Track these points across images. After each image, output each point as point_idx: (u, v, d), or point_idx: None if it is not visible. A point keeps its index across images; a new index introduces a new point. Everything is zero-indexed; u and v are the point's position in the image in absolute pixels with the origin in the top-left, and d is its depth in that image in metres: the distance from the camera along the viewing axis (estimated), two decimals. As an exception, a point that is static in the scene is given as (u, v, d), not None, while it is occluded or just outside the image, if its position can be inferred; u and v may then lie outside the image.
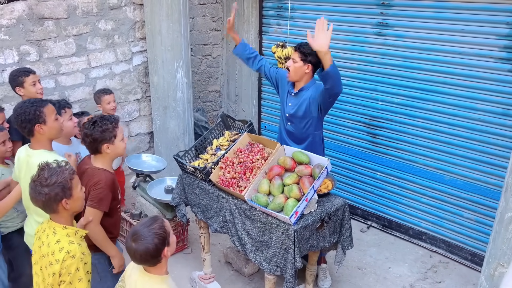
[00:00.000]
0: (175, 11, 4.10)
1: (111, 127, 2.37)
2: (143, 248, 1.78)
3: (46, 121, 2.39)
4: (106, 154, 2.40)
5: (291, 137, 3.26)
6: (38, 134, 2.40)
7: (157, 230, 1.81)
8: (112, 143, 2.39)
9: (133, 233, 1.81)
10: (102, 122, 2.36)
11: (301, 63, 3.00)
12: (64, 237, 1.96)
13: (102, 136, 2.34)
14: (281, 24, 4.59)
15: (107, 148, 2.38)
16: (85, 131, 2.35)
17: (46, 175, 1.90)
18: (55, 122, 2.46)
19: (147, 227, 1.82)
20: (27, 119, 2.35)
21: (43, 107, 2.40)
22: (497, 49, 3.23)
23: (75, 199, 1.99)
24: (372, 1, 3.80)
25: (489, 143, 3.43)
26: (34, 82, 3.22)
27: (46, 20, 3.76)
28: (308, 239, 2.67)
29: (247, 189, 2.75)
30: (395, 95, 3.86)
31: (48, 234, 1.99)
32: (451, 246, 3.82)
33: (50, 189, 1.89)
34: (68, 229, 2.00)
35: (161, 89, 4.48)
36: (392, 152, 4.01)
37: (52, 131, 2.45)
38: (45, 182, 1.89)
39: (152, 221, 1.86)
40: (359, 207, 4.40)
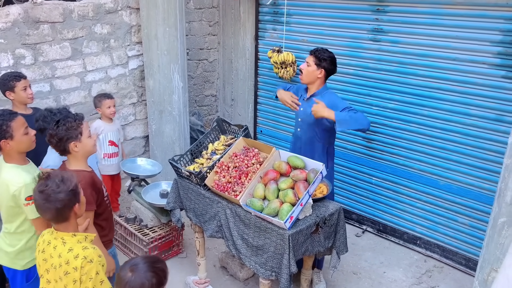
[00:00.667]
0: (171, 15, 4.11)
1: (75, 124, 2.32)
2: (138, 282, 1.67)
3: (13, 136, 2.32)
4: (75, 153, 2.35)
5: (300, 143, 3.33)
6: (6, 149, 2.34)
7: (159, 271, 1.73)
8: (79, 141, 2.33)
9: (134, 263, 1.72)
10: (65, 121, 2.31)
11: (315, 67, 3.13)
12: (76, 244, 1.92)
13: (67, 134, 2.29)
14: (277, 29, 4.61)
15: (75, 147, 2.32)
16: (49, 132, 2.31)
17: (57, 182, 1.86)
18: (24, 137, 2.38)
19: (151, 262, 1.73)
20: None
21: (11, 121, 2.33)
22: (491, 55, 3.26)
23: (82, 203, 1.99)
24: (368, 7, 3.83)
25: (483, 148, 3.45)
26: (25, 87, 3.21)
27: (42, 23, 3.75)
28: (303, 244, 2.67)
29: (242, 193, 2.76)
30: (390, 101, 3.89)
31: (55, 245, 1.94)
32: (445, 251, 3.83)
33: (65, 194, 1.86)
34: (78, 236, 1.96)
35: (157, 93, 4.48)
36: (387, 157, 4.03)
37: (20, 146, 2.37)
38: (58, 189, 1.85)
39: (156, 259, 1.79)
40: (354, 212, 4.41)
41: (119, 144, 3.99)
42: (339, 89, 4.20)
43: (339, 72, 4.14)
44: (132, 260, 1.76)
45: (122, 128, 4.65)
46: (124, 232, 3.76)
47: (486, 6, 3.19)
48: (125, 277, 1.68)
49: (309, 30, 4.31)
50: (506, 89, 3.23)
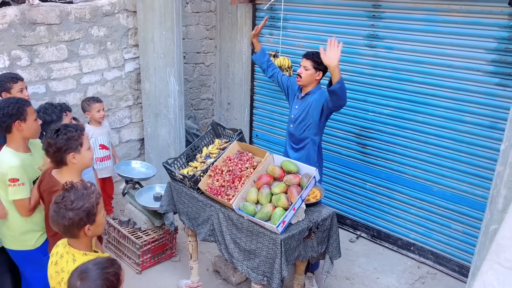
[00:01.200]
0: (168, 19, 4.12)
1: (76, 134, 2.21)
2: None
3: (26, 119, 2.43)
4: (72, 165, 2.22)
5: (292, 139, 3.44)
6: (16, 131, 2.43)
7: (111, 276, 1.58)
8: (79, 152, 2.22)
9: (83, 270, 1.57)
10: (66, 130, 2.20)
11: (313, 70, 3.26)
12: None
13: (67, 144, 2.17)
14: (273, 34, 4.62)
15: (73, 158, 2.20)
16: (48, 140, 2.17)
17: (72, 198, 1.76)
18: (34, 123, 2.49)
19: (101, 269, 1.58)
20: (9, 114, 2.37)
21: (26, 106, 2.44)
22: (485, 63, 3.28)
23: (97, 224, 1.84)
24: (364, 13, 3.85)
25: (476, 155, 3.46)
26: (22, 89, 3.22)
27: (38, 25, 3.75)
28: (295, 249, 2.67)
29: (235, 197, 2.75)
30: (385, 106, 3.90)
31: (67, 260, 1.84)
32: (439, 257, 3.83)
33: (75, 213, 1.75)
34: (89, 255, 1.84)
35: (152, 96, 4.48)
36: (381, 162, 4.04)
37: (30, 131, 2.47)
38: (71, 205, 1.75)
39: (108, 263, 1.63)
40: (348, 217, 4.40)
41: (109, 146, 3.98)
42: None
43: (334, 77, 4.17)
44: (82, 266, 1.60)
45: (117, 131, 4.65)
46: (117, 235, 3.75)
47: (481, 13, 3.21)
48: (74, 285, 1.54)
49: (305, 35, 4.33)
50: (500, 97, 3.25)
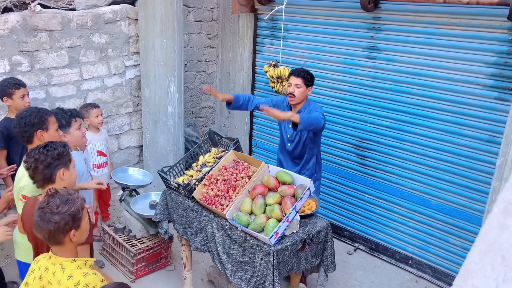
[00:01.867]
0: (169, 27, 4.14)
1: (65, 150, 2.14)
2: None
3: (48, 129, 2.41)
4: (61, 182, 2.14)
5: (291, 156, 3.46)
6: (37, 141, 2.39)
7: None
8: (68, 169, 2.15)
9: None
10: (55, 145, 2.12)
11: (304, 87, 3.29)
12: (76, 271, 1.80)
13: (58, 160, 2.11)
14: (274, 43, 4.63)
15: (62, 175, 2.13)
16: (35, 157, 2.08)
17: (57, 202, 1.75)
18: (56, 133, 2.47)
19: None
20: (31, 123, 2.35)
21: (48, 115, 2.42)
22: (484, 76, 3.26)
23: (82, 230, 1.83)
24: (363, 25, 3.85)
25: (475, 169, 3.43)
26: (23, 95, 3.25)
27: (40, 31, 3.78)
28: (288, 261, 2.64)
29: (229, 207, 2.74)
30: (385, 118, 3.88)
31: (54, 271, 1.81)
32: (437, 272, 3.78)
33: (61, 217, 1.73)
34: (78, 261, 1.82)
35: (152, 104, 4.49)
36: (380, 174, 4.01)
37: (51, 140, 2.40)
38: (56, 209, 1.73)
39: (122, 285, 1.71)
40: (346, 229, 4.36)
41: (107, 153, 3.98)
42: (334, 105, 4.20)
43: (334, 88, 4.18)
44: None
45: (116, 137, 4.66)
46: (112, 242, 3.73)
47: (480, 27, 3.20)
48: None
49: (305, 46, 4.33)
50: (499, 111, 3.22)
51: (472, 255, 0.62)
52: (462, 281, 0.61)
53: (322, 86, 4.26)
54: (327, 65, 4.18)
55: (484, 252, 0.62)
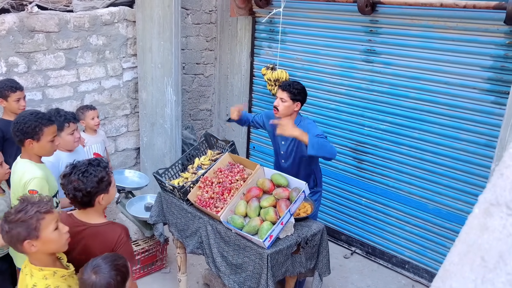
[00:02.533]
0: (166, 29, 4.14)
1: (105, 175, 1.98)
2: (104, 282, 1.63)
3: (39, 139, 2.34)
4: (98, 206, 2.02)
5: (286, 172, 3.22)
6: (28, 147, 2.37)
7: (121, 267, 1.70)
8: (107, 193, 2.00)
9: (95, 265, 1.67)
10: (96, 170, 1.95)
11: (290, 102, 3.10)
12: (41, 281, 1.75)
13: (98, 187, 1.95)
14: (272, 46, 4.63)
15: (101, 200, 1.99)
16: (74, 185, 1.92)
17: (13, 211, 1.70)
18: (48, 144, 2.38)
19: (112, 261, 1.69)
20: (23, 131, 2.31)
21: (45, 126, 2.33)
22: (481, 80, 3.25)
23: (44, 241, 1.71)
24: (361, 28, 3.85)
25: (472, 173, 3.41)
26: (19, 98, 3.21)
27: (37, 32, 3.78)
28: (282, 264, 2.62)
29: (223, 210, 2.72)
30: (382, 122, 3.87)
31: (26, 273, 1.80)
32: (433, 276, 3.74)
33: (11, 226, 1.67)
34: (45, 271, 1.76)
35: (149, 106, 4.49)
36: (377, 178, 3.99)
37: (41, 150, 2.39)
38: (9, 217, 1.68)
39: (116, 257, 1.73)
40: (343, 233, 4.35)
41: (104, 155, 3.96)
42: (331, 109, 4.20)
43: (331, 91, 4.17)
44: (93, 262, 1.70)
45: (113, 139, 4.65)
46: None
47: (477, 31, 3.20)
48: (89, 279, 1.64)
49: (303, 49, 4.33)
50: (496, 115, 3.21)
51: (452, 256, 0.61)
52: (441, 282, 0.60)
53: (319, 89, 4.26)
54: (324, 68, 4.18)
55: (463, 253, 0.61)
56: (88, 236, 2.00)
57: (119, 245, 1.99)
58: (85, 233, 2.01)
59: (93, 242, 1.99)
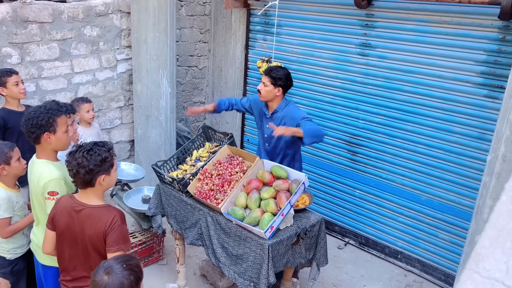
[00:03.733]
0: (162, 21, 4.11)
1: (109, 155, 2.05)
2: (117, 283, 1.63)
3: (56, 131, 2.31)
4: (99, 187, 2.06)
5: (269, 157, 3.37)
6: (45, 143, 2.32)
7: (134, 267, 1.70)
8: (109, 174, 2.06)
9: (107, 266, 1.67)
10: (100, 150, 2.02)
11: (272, 86, 3.17)
12: None
13: (101, 166, 2.01)
14: (267, 39, 4.64)
15: (102, 181, 2.04)
16: (78, 161, 1.99)
17: None
18: (64, 134, 2.37)
19: (124, 261, 1.69)
20: (38, 125, 2.26)
21: (57, 116, 2.32)
22: (474, 74, 3.32)
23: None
24: (356, 22, 3.88)
25: (464, 165, 3.49)
26: (17, 82, 3.21)
27: (30, 23, 3.73)
28: (283, 255, 2.66)
29: (224, 201, 2.75)
30: (376, 115, 3.93)
31: None
32: (425, 266, 3.85)
33: None
34: None
35: (144, 98, 4.47)
36: (371, 170, 4.06)
37: (58, 143, 2.35)
38: None
39: (128, 257, 1.75)
40: (337, 224, 4.41)
41: None
42: (326, 102, 4.24)
43: (326, 84, 4.21)
44: (104, 264, 1.70)
45: (107, 132, 4.62)
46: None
47: (471, 26, 3.26)
48: (101, 281, 1.64)
49: (298, 42, 4.35)
50: (488, 108, 3.29)
51: (483, 240, 0.65)
52: (474, 265, 0.63)
53: (314, 82, 4.29)
54: (319, 61, 4.21)
55: (494, 237, 0.65)
56: (83, 216, 2.05)
57: (112, 228, 2.03)
58: (82, 213, 2.06)
59: (87, 223, 2.04)
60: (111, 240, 2.03)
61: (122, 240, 2.05)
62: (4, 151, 2.52)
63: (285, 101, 3.28)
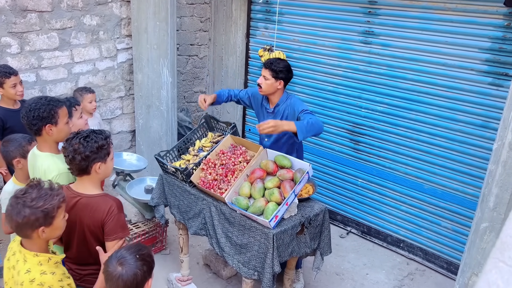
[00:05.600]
0: (162, 9, 4.06)
1: (106, 143, 2.05)
2: (131, 273, 1.63)
3: (57, 123, 2.30)
4: (95, 175, 2.06)
5: None
6: (46, 135, 2.30)
7: (146, 257, 1.71)
8: (105, 162, 2.06)
9: (120, 257, 1.67)
10: (96, 137, 2.02)
11: (273, 80, 3.10)
12: (36, 266, 1.73)
13: (97, 153, 2.01)
14: (268, 27, 4.59)
15: (98, 168, 2.04)
16: (74, 147, 1.98)
17: (33, 196, 1.68)
18: (65, 126, 2.35)
19: (136, 251, 1.69)
20: (40, 117, 2.24)
21: (58, 108, 2.30)
22: (479, 62, 3.29)
23: (54, 228, 1.75)
24: (359, 9, 3.84)
25: (468, 154, 3.48)
26: (15, 84, 3.14)
27: (30, 12, 3.68)
28: (288, 244, 2.66)
29: (228, 191, 2.74)
30: (379, 103, 3.90)
31: (18, 259, 1.77)
32: (428, 254, 3.87)
33: (32, 212, 1.66)
34: (40, 257, 1.75)
35: (145, 88, 4.43)
36: (373, 159, 4.05)
37: (60, 134, 2.33)
38: (30, 203, 1.66)
39: (140, 247, 1.74)
40: (339, 213, 4.42)
41: None
42: (328, 90, 4.21)
43: (328, 73, 4.17)
44: (117, 254, 1.70)
45: (108, 122, 4.60)
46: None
47: (476, 12, 3.22)
48: (115, 272, 1.64)
49: (300, 30, 4.31)
50: (493, 96, 3.27)
51: (508, 229, 0.63)
52: (499, 254, 0.62)
53: (316, 71, 4.26)
54: (322, 49, 4.17)
55: (519, 226, 0.63)
56: (80, 206, 2.05)
57: (109, 217, 2.03)
58: (78, 203, 2.05)
59: (83, 212, 2.04)
60: (109, 229, 2.04)
61: (120, 228, 2.06)
62: (22, 144, 2.50)
63: (286, 94, 3.21)
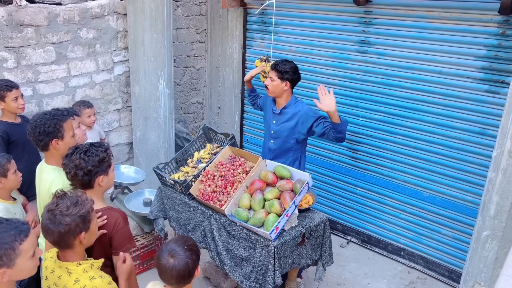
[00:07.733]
0: (158, 22, 4.07)
1: (106, 156, 2.06)
2: (183, 264, 1.75)
3: (63, 137, 2.31)
4: (98, 188, 2.06)
5: (273, 155, 3.33)
6: (53, 149, 2.32)
7: (193, 247, 1.83)
8: (107, 175, 2.07)
9: (171, 249, 1.79)
10: (97, 150, 2.03)
11: (279, 81, 3.15)
12: (83, 274, 1.77)
13: (99, 167, 2.01)
14: (264, 38, 4.61)
15: (101, 181, 2.04)
16: (76, 163, 1.99)
17: (68, 204, 1.72)
18: (71, 139, 2.37)
19: (184, 242, 1.82)
20: (46, 132, 2.26)
21: (63, 122, 2.32)
22: (475, 69, 3.31)
23: (91, 232, 1.81)
24: (355, 19, 3.86)
25: (466, 161, 3.49)
26: (16, 97, 3.13)
27: (26, 26, 3.68)
28: (289, 256, 2.64)
29: (227, 203, 2.72)
30: (376, 112, 3.91)
31: (60, 274, 1.79)
32: (429, 262, 3.85)
33: (72, 219, 1.70)
34: (83, 264, 1.80)
35: (142, 100, 4.43)
36: (372, 167, 4.05)
37: (67, 148, 2.29)
38: (66, 211, 1.71)
39: (186, 238, 1.86)
40: (339, 222, 4.40)
41: None
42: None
43: (325, 82, 4.18)
44: (167, 247, 1.81)
45: (105, 134, 4.58)
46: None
47: (470, 21, 3.25)
48: (168, 263, 1.75)
49: (296, 40, 4.33)
50: (490, 103, 3.28)
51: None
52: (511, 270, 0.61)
53: (313, 80, 4.27)
54: (318, 59, 4.19)
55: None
56: None
57: (116, 230, 2.03)
58: None
59: None
60: (116, 243, 2.03)
61: (127, 240, 2.07)
62: (2, 163, 2.48)
63: (294, 98, 3.25)
